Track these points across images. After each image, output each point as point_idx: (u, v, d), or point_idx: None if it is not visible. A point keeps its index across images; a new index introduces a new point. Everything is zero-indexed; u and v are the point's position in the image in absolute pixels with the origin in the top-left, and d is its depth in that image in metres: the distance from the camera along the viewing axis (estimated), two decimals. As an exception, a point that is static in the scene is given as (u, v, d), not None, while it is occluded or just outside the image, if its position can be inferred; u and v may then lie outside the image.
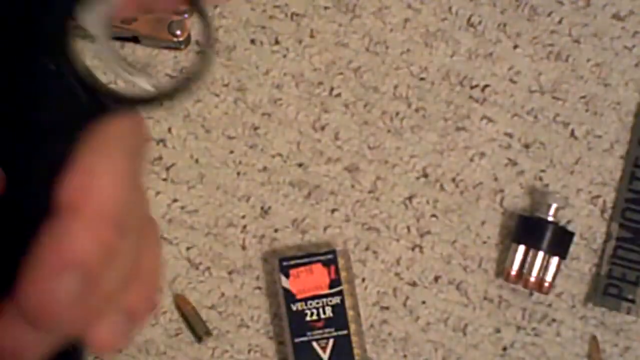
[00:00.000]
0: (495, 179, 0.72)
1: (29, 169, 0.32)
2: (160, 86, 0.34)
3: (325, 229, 0.71)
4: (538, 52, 0.73)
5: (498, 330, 0.71)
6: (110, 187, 0.32)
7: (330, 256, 0.69)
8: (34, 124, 0.31)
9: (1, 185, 0.32)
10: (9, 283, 0.32)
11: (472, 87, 0.72)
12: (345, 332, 0.68)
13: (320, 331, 0.68)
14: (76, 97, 0.31)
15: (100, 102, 0.32)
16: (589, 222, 0.72)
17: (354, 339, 0.68)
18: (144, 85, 0.34)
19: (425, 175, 0.72)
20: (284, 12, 0.72)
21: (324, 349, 0.68)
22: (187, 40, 0.70)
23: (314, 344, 0.68)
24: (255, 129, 0.71)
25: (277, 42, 0.72)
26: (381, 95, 0.72)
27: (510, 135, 0.72)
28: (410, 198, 0.72)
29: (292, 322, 0.68)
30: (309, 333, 0.68)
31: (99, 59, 0.34)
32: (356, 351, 0.68)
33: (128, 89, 0.34)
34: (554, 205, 0.70)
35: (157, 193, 0.71)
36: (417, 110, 0.72)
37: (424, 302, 0.71)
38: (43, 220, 0.32)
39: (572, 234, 0.70)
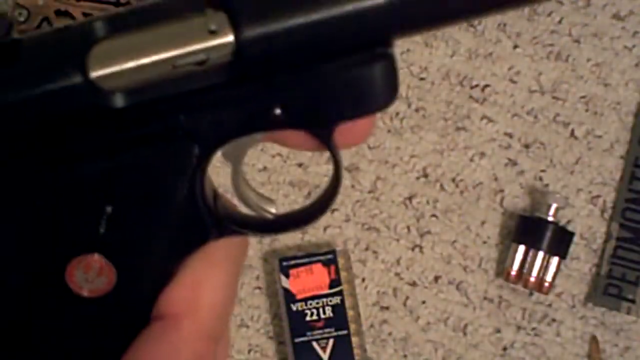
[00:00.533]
0: (495, 179, 0.72)
1: (141, 273, 0.35)
2: (280, 216, 0.37)
3: (325, 229, 0.71)
4: (538, 52, 0.73)
5: (498, 330, 0.71)
6: (212, 303, 0.34)
7: (330, 256, 0.69)
8: (155, 234, 0.34)
9: (111, 279, 0.34)
10: None
11: (472, 87, 0.72)
12: (345, 332, 0.68)
13: (320, 331, 0.68)
14: (200, 216, 0.35)
15: (221, 224, 0.35)
16: (589, 222, 0.72)
17: (354, 339, 0.68)
18: (266, 213, 0.37)
19: (425, 175, 0.72)
20: (284, 12, 0.72)
21: (324, 349, 0.68)
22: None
23: (314, 344, 0.68)
24: (255, 128, 0.71)
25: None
26: (381, 95, 0.72)
27: (510, 135, 0.72)
28: (410, 198, 0.72)
29: (292, 322, 0.68)
30: (309, 333, 0.68)
31: (232, 184, 0.37)
32: (356, 351, 0.68)
33: (250, 214, 0.37)
34: (554, 205, 0.70)
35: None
36: (417, 110, 0.72)
37: (424, 302, 0.71)
38: (142, 324, 0.34)
39: (572, 234, 0.70)
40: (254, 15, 0.32)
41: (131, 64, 0.32)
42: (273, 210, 0.37)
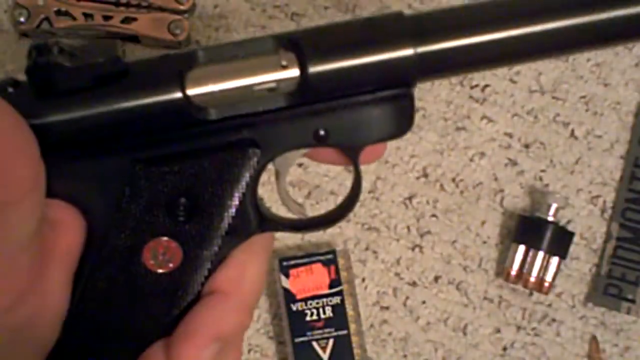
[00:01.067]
0: (495, 179, 0.72)
1: (201, 257, 0.43)
2: (311, 218, 0.47)
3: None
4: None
5: (498, 330, 0.71)
6: (252, 282, 0.43)
7: (330, 256, 0.69)
8: (217, 225, 0.43)
9: (177, 260, 0.43)
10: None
11: (472, 87, 0.72)
12: (345, 332, 0.68)
13: (320, 331, 0.68)
14: (250, 213, 0.44)
15: (264, 221, 0.44)
16: (589, 222, 0.72)
17: (354, 339, 0.68)
18: (305, 213, 0.47)
19: (425, 175, 0.72)
20: (284, 12, 0.72)
21: (324, 349, 0.68)
22: (187, 40, 0.70)
23: (314, 344, 0.68)
24: (255, 128, 0.71)
25: (277, 42, 0.72)
26: (381, 95, 0.72)
27: (510, 135, 0.72)
28: (410, 198, 0.72)
29: (292, 322, 0.68)
30: (309, 333, 0.68)
31: (278, 189, 0.47)
32: (356, 351, 0.68)
33: (286, 216, 0.46)
34: (554, 205, 0.70)
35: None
36: (417, 110, 0.72)
37: (424, 302, 0.71)
38: (196, 298, 0.43)
39: (572, 234, 0.70)
40: (316, 57, 0.42)
41: (220, 86, 0.42)
42: (305, 214, 0.47)
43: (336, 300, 0.68)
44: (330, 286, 0.68)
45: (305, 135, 0.43)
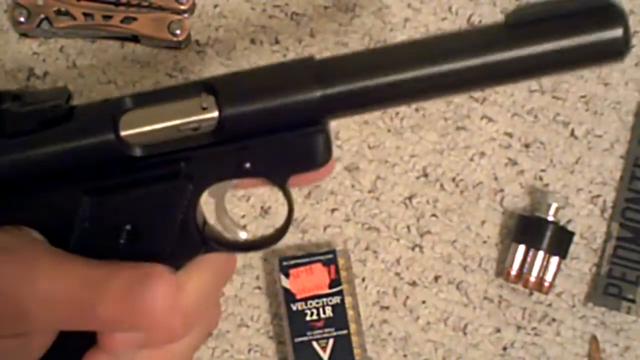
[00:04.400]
0: (495, 179, 0.72)
1: None
2: (248, 240, 0.52)
3: (325, 228, 0.71)
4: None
5: (498, 330, 0.71)
6: (190, 296, 0.48)
7: (330, 256, 0.69)
8: (160, 248, 0.49)
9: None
10: None
11: (472, 87, 0.72)
12: (345, 332, 0.68)
13: (320, 331, 0.68)
14: (192, 236, 0.49)
15: (207, 243, 0.49)
16: (589, 221, 0.72)
17: (354, 338, 0.68)
18: (240, 237, 0.52)
19: (425, 175, 0.72)
20: (284, 12, 0.72)
21: (324, 348, 0.68)
22: (187, 40, 0.70)
23: (314, 343, 0.68)
24: (255, 128, 0.71)
25: (277, 42, 0.72)
26: (381, 95, 0.72)
27: (510, 135, 0.72)
28: (410, 198, 0.72)
29: (292, 322, 0.68)
30: (309, 333, 0.68)
31: (215, 215, 0.51)
32: (356, 351, 0.68)
33: (227, 237, 0.51)
34: (554, 205, 0.70)
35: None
36: (417, 109, 0.72)
37: (424, 302, 0.71)
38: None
39: (572, 234, 0.70)
40: (232, 101, 0.48)
41: (149, 128, 0.48)
42: (244, 236, 0.52)
43: (336, 300, 0.68)
44: (330, 286, 0.68)
45: (232, 168, 0.49)
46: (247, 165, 0.49)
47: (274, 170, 0.49)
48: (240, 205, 0.71)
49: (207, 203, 0.51)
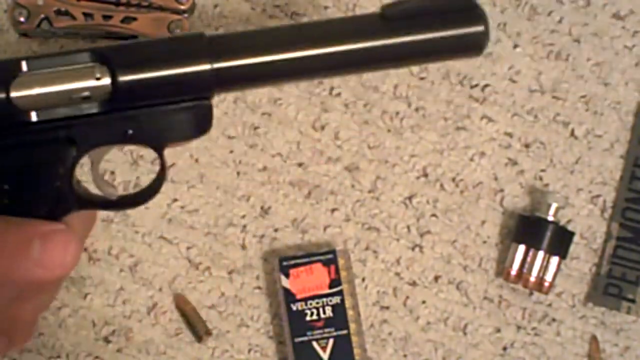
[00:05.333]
0: (495, 179, 0.72)
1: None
2: (121, 197, 0.55)
3: (325, 228, 0.71)
4: (538, 52, 0.73)
5: (498, 330, 0.71)
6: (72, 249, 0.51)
7: (330, 256, 0.69)
8: (38, 204, 0.52)
9: None
10: None
11: (472, 87, 0.72)
12: (345, 332, 0.68)
13: (320, 331, 0.68)
14: (67, 195, 0.52)
15: (79, 201, 0.53)
16: (589, 221, 0.72)
17: (354, 338, 0.68)
18: (112, 196, 0.55)
19: (425, 175, 0.72)
20: (284, 12, 0.72)
21: (324, 348, 0.68)
22: (187, 40, 0.70)
23: (314, 343, 0.68)
24: (255, 128, 0.71)
25: (277, 42, 0.72)
26: (381, 95, 0.72)
27: (510, 135, 0.72)
28: (410, 198, 0.72)
29: (292, 322, 0.68)
30: (309, 333, 0.68)
31: (92, 175, 0.55)
32: (356, 351, 0.68)
33: (99, 195, 0.56)
34: (554, 205, 0.70)
35: (157, 193, 0.71)
36: (417, 109, 0.72)
37: (424, 302, 0.71)
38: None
39: (572, 234, 0.70)
40: (126, 69, 0.51)
41: (41, 90, 0.50)
42: (115, 194, 0.55)
43: (336, 300, 0.68)
44: (330, 286, 0.68)
45: (116, 134, 0.52)
46: (130, 132, 0.52)
47: (155, 138, 0.52)
48: (240, 205, 0.71)
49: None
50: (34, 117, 0.50)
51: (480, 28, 0.55)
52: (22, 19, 0.68)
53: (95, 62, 0.51)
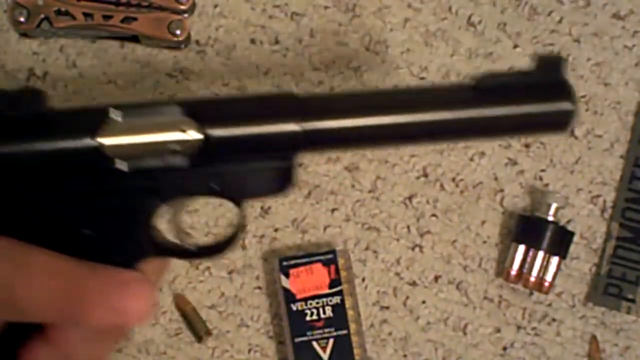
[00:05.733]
0: (495, 179, 0.72)
1: None
2: (199, 248, 0.54)
3: (325, 228, 0.71)
4: (538, 52, 0.73)
5: (498, 330, 0.71)
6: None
7: (330, 256, 0.69)
8: (119, 249, 0.51)
9: None
10: None
11: (472, 87, 0.72)
12: (345, 332, 0.68)
13: (320, 331, 0.68)
14: (146, 243, 0.51)
15: (157, 248, 0.52)
16: (589, 221, 0.72)
17: (354, 338, 0.68)
18: (191, 246, 0.55)
19: (425, 175, 0.72)
20: (284, 12, 0.72)
21: (324, 348, 0.68)
22: (187, 40, 0.70)
23: (314, 343, 0.68)
24: (255, 128, 0.71)
25: (277, 42, 0.72)
26: (381, 95, 0.72)
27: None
28: (410, 198, 0.72)
29: (292, 322, 0.68)
30: (309, 333, 0.68)
31: (173, 225, 0.57)
32: (356, 351, 0.68)
33: (178, 244, 0.55)
34: (554, 205, 0.70)
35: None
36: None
37: (424, 302, 0.71)
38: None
39: (572, 234, 0.70)
40: (218, 124, 0.50)
41: (132, 139, 0.49)
42: (194, 244, 0.54)
43: (336, 300, 0.68)
44: (330, 286, 0.68)
45: (199, 188, 0.52)
46: (213, 185, 0.52)
47: (237, 193, 0.52)
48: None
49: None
50: (122, 166, 0.49)
51: (568, 106, 0.53)
52: (22, 19, 0.68)
53: (186, 116, 0.50)
